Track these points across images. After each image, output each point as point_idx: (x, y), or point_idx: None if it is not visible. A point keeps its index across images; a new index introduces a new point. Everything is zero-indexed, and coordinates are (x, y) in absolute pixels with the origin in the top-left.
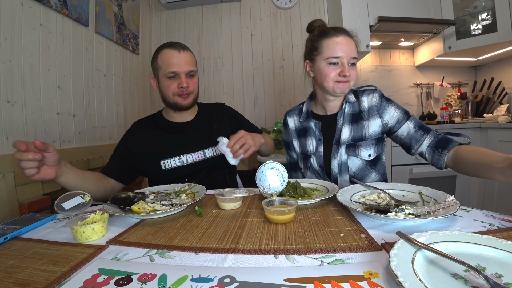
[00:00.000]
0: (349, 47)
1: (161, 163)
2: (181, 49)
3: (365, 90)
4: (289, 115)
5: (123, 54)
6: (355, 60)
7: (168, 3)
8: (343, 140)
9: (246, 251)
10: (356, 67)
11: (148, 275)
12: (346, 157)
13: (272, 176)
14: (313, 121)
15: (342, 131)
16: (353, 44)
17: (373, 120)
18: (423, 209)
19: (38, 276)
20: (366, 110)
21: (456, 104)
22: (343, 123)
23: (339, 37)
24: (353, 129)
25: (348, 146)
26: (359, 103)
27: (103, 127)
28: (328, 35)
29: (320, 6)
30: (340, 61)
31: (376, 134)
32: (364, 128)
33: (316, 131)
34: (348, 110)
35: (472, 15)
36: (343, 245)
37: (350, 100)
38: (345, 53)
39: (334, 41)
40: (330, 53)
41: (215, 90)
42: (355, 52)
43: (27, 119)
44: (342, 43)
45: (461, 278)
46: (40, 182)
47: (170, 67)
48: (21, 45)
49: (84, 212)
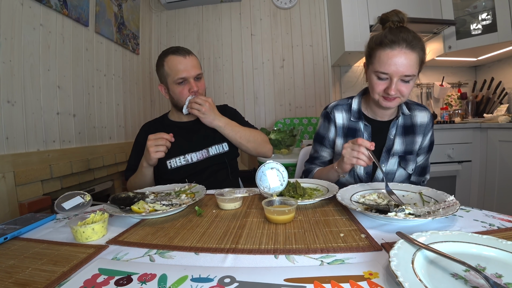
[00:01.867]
0: (403, 64)
1: (167, 162)
2: (186, 54)
3: (417, 105)
4: (338, 110)
5: (123, 54)
6: (408, 78)
7: (168, 3)
8: (396, 151)
9: (246, 251)
10: (410, 83)
11: (148, 275)
12: (396, 167)
13: (272, 176)
14: (363, 122)
15: (395, 141)
16: (413, 58)
17: (419, 137)
18: (423, 209)
19: (38, 276)
20: (418, 125)
21: (456, 104)
22: (396, 134)
23: (394, 49)
24: (405, 141)
25: (401, 158)
26: (412, 116)
27: (103, 127)
28: (383, 45)
29: (320, 6)
30: (389, 77)
31: (417, 151)
32: (414, 143)
33: (365, 134)
34: (401, 121)
35: (472, 15)
36: (343, 245)
37: (405, 112)
38: (397, 70)
39: (387, 54)
40: (379, 66)
41: (215, 90)
42: (411, 69)
43: (27, 119)
44: (396, 58)
45: (461, 278)
46: (40, 182)
47: (179, 73)
48: (21, 45)
49: (84, 212)
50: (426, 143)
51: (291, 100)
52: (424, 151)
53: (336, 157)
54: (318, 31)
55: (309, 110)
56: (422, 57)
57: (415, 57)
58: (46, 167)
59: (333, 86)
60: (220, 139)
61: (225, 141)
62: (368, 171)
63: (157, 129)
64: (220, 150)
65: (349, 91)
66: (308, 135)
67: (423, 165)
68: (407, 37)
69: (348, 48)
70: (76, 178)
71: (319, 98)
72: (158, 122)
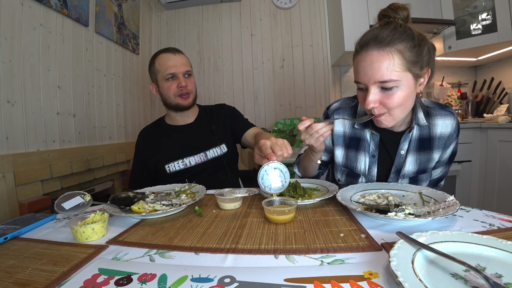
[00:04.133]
0: (374, 68)
1: (166, 167)
2: (176, 52)
3: (440, 109)
4: (339, 114)
5: (123, 54)
6: (388, 85)
7: (168, 3)
8: (407, 172)
9: (246, 251)
10: (395, 92)
11: (148, 275)
12: None
13: (275, 176)
14: (370, 131)
15: (407, 159)
16: (387, 58)
17: (437, 153)
18: (423, 209)
19: (38, 276)
20: (437, 138)
21: (456, 104)
22: (409, 150)
23: (363, 53)
24: (419, 159)
25: (411, 179)
26: (430, 126)
27: (103, 127)
28: (356, 50)
29: (320, 6)
30: (365, 87)
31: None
32: (430, 160)
33: (372, 145)
34: (416, 133)
35: (472, 15)
36: (343, 245)
37: (420, 122)
38: (366, 76)
39: (357, 59)
40: (355, 76)
41: (215, 90)
42: (387, 72)
43: (27, 119)
44: (364, 62)
45: (461, 278)
46: (40, 182)
47: (168, 69)
48: (21, 45)
49: (84, 212)
50: (446, 156)
51: (291, 100)
52: (443, 164)
53: (336, 168)
54: (318, 31)
55: (309, 110)
56: (408, 54)
57: (391, 56)
58: (46, 167)
59: (333, 86)
60: (218, 141)
61: (224, 142)
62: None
63: (154, 134)
64: (218, 153)
65: (349, 91)
66: None
67: (439, 176)
68: (379, 34)
69: (348, 48)
70: (76, 178)
71: (319, 98)
72: (155, 127)
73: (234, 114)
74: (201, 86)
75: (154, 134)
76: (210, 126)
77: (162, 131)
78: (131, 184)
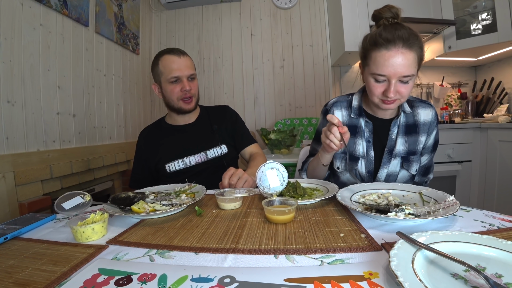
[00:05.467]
0: (400, 64)
1: (166, 166)
2: (180, 54)
3: (420, 102)
4: (337, 106)
5: (123, 54)
6: (407, 79)
7: (168, 3)
8: (398, 152)
9: (246, 251)
10: (409, 83)
11: (148, 275)
12: (399, 169)
13: (272, 176)
14: (364, 119)
15: (397, 141)
16: (410, 58)
17: (423, 136)
18: (423, 209)
19: (38, 276)
20: (421, 124)
21: (456, 104)
22: (398, 133)
23: (390, 50)
24: (407, 141)
25: (403, 159)
26: (414, 114)
27: (103, 127)
28: (378, 46)
29: (320, 6)
30: (387, 79)
31: (421, 150)
32: (417, 142)
33: (366, 132)
34: (403, 120)
35: (472, 15)
36: (343, 245)
37: (406, 110)
38: (394, 71)
39: (383, 55)
40: (375, 68)
41: (215, 90)
42: (409, 69)
43: (27, 119)
44: (393, 59)
45: (461, 278)
46: (40, 182)
47: (172, 72)
48: (21, 45)
49: (84, 212)
50: (430, 142)
51: (291, 100)
52: (428, 150)
53: (335, 155)
54: (318, 31)
55: (309, 110)
56: (420, 54)
57: (413, 56)
58: (46, 167)
59: (333, 86)
60: (218, 141)
61: (224, 143)
62: (370, 170)
63: (155, 134)
64: (218, 153)
65: (349, 91)
66: (308, 135)
67: (427, 165)
68: (403, 35)
69: (348, 48)
70: (76, 178)
71: (319, 98)
72: (155, 127)
73: (237, 122)
74: (201, 86)
75: (155, 134)
76: (211, 126)
77: (162, 131)
78: (132, 184)
